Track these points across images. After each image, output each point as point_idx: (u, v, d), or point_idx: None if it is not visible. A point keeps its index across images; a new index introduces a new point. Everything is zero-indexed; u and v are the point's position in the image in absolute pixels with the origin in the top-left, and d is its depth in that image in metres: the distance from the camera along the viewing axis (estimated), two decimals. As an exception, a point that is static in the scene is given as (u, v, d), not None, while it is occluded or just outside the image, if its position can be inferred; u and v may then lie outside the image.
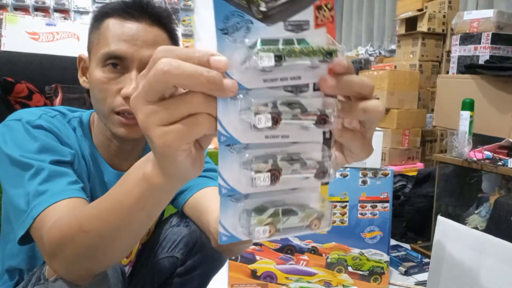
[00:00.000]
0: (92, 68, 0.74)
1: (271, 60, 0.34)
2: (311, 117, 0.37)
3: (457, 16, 1.98)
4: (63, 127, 0.76)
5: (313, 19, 0.37)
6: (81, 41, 3.09)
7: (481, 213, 1.61)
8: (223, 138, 0.37)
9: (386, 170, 1.45)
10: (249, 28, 0.35)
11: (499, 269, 0.96)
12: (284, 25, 0.36)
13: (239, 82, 0.35)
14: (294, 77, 0.37)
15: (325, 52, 0.35)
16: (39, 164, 0.65)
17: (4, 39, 2.88)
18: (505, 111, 1.63)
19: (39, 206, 0.61)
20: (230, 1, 0.34)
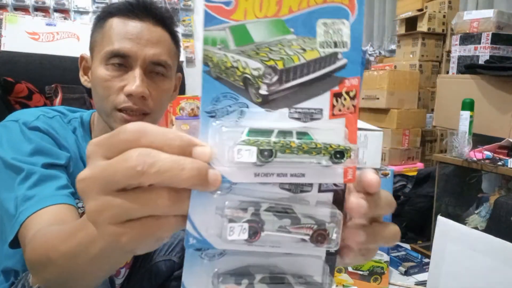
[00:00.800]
0: (95, 66, 0.74)
1: (252, 156, 0.28)
2: (304, 231, 0.30)
3: (457, 16, 1.98)
4: (62, 128, 0.76)
5: (329, 108, 0.30)
6: (81, 41, 3.09)
7: (481, 213, 1.61)
8: (193, 240, 0.29)
9: (386, 170, 1.45)
10: (243, 113, 0.29)
11: (499, 269, 0.96)
12: (289, 112, 0.30)
13: (224, 175, 0.28)
14: (296, 174, 0.30)
15: (333, 151, 0.29)
16: (30, 167, 0.65)
17: (4, 39, 2.88)
18: (505, 111, 1.63)
19: (25, 212, 0.60)
20: (222, 80, 0.29)
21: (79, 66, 0.81)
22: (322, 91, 0.30)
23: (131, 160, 0.26)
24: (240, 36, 0.29)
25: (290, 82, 0.30)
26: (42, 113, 0.74)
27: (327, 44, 0.30)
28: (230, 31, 0.29)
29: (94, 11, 3.35)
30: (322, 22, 0.30)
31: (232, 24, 0.29)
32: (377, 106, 2.33)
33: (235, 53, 0.29)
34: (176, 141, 0.28)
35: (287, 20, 0.29)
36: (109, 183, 0.28)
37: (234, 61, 0.29)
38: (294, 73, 0.30)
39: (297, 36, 0.30)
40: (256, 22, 0.29)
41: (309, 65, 0.30)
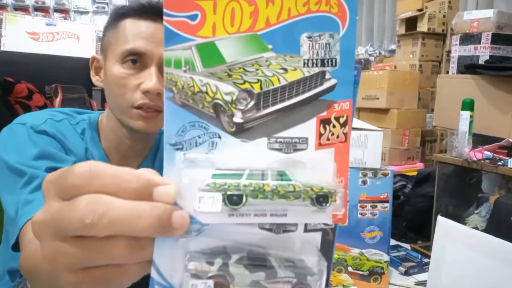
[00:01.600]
0: (110, 65, 0.76)
1: (217, 205, 0.24)
2: (281, 286, 0.26)
3: (457, 16, 1.97)
4: (69, 132, 0.77)
5: (315, 137, 0.26)
6: (81, 41, 3.09)
7: (481, 213, 1.61)
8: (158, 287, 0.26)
9: (386, 170, 1.45)
10: (214, 144, 0.25)
11: (499, 269, 0.96)
12: (269, 143, 0.26)
13: (193, 215, 0.25)
14: (277, 213, 0.25)
15: (315, 195, 0.25)
16: (33, 171, 0.65)
17: (4, 39, 2.88)
18: (505, 111, 1.63)
19: (24, 216, 0.61)
20: (189, 108, 0.25)
21: (90, 67, 0.83)
22: (307, 117, 0.26)
23: (79, 210, 0.24)
24: (209, 55, 0.25)
25: (269, 107, 0.26)
26: (49, 117, 0.76)
27: (313, 62, 0.25)
28: (197, 50, 0.25)
29: (94, 11, 3.36)
30: (307, 36, 0.25)
31: (198, 42, 0.25)
32: (377, 106, 2.33)
33: (204, 76, 0.25)
34: (133, 184, 0.25)
35: (264, 34, 0.25)
36: (60, 230, 0.25)
37: (202, 85, 0.25)
38: (274, 97, 0.26)
39: (276, 54, 0.25)
40: (227, 39, 0.25)
41: (291, 88, 0.26)
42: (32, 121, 0.73)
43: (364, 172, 1.43)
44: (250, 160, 0.25)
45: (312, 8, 0.25)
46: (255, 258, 0.26)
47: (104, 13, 3.41)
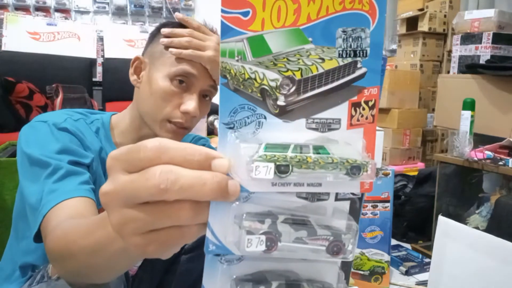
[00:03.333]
0: (158, 76, 0.79)
1: (270, 173, 0.28)
2: (320, 242, 0.30)
3: (458, 16, 1.97)
4: (87, 130, 0.80)
5: (347, 118, 0.30)
6: (81, 41, 3.09)
7: (482, 213, 1.61)
8: (212, 246, 0.31)
9: (387, 170, 1.45)
10: (261, 124, 0.30)
11: (499, 269, 0.96)
12: (307, 123, 0.30)
13: (242, 185, 0.29)
14: (313, 183, 0.29)
15: (350, 166, 0.28)
16: (57, 163, 0.68)
17: (5, 38, 2.89)
18: (506, 111, 1.63)
19: (48, 204, 0.62)
20: (240, 92, 0.29)
21: (130, 65, 0.85)
22: (340, 101, 0.30)
23: (154, 178, 0.27)
24: (258, 47, 0.29)
25: (308, 92, 0.30)
26: (68, 116, 0.79)
27: (346, 53, 0.29)
28: (248, 42, 0.29)
29: (95, 11, 3.36)
30: (342, 30, 0.29)
31: (249, 35, 0.29)
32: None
33: (253, 65, 0.29)
34: (195, 156, 0.28)
35: (305, 29, 0.29)
36: (132, 198, 0.29)
37: (251, 72, 0.29)
38: (312, 83, 0.30)
39: (315, 46, 0.29)
40: (273, 32, 0.29)
41: (328, 75, 0.30)
42: (53, 119, 0.76)
43: (365, 172, 1.43)
44: (291, 137, 0.29)
45: (347, 6, 0.29)
46: (298, 219, 0.30)
47: (105, 13, 3.41)
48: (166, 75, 0.79)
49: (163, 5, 3.48)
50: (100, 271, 0.47)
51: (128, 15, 3.45)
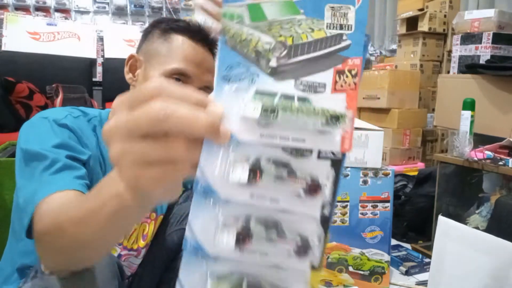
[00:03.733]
0: (153, 74, 0.80)
1: (257, 111, 0.31)
2: (299, 182, 0.33)
3: (458, 16, 1.97)
4: (85, 128, 0.81)
5: (331, 83, 0.33)
6: (81, 41, 3.09)
7: (482, 213, 1.61)
8: (201, 187, 0.33)
9: (387, 170, 1.45)
10: (253, 80, 0.32)
11: (500, 269, 0.96)
12: (295, 83, 0.32)
13: (232, 133, 0.31)
14: (298, 138, 0.32)
15: (329, 115, 0.32)
16: (55, 156, 0.69)
17: (5, 38, 2.89)
18: (506, 111, 1.63)
19: (41, 194, 0.62)
20: (237, 51, 0.32)
21: (125, 63, 0.86)
22: (326, 67, 0.33)
23: (155, 108, 0.30)
24: (255, 13, 0.33)
25: (297, 57, 0.33)
26: (68, 113, 0.79)
27: (334, 26, 0.33)
28: (247, 8, 0.33)
29: (95, 11, 3.36)
30: (330, 6, 0.33)
31: (249, 2, 0.33)
32: (378, 106, 2.33)
33: (250, 28, 0.33)
34: (193, 97, 0.31)
35: (297, 2, 0.33)
36: (133, 129, 0.31)
37: (248, 34, 0.33)
38: (302, 49, 0.33)
39: (306, 17, 0.33)
40: (270, 2, 0.33)
41: (316, 43, 0.33)
42: (54, 115, 0.77)
43: (365, 172, 1.43)
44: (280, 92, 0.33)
45: None
46: (280, 162, 0.33)
47: (105, 13, 3.41)
48: (162, 73, 0.79)
49: (163, 5, 3.49)
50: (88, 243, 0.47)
51: (128, 15, 3.45)
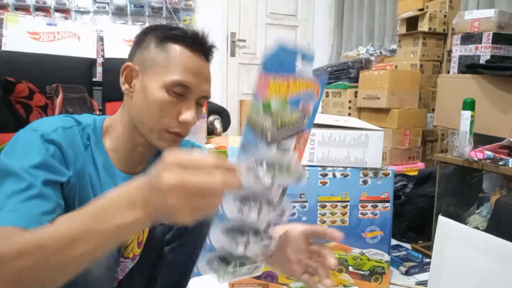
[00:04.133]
0: (153, 86, 0.79)
1: (268, 179, 0.55)
2: None
3: (458, 16, 1.97)
4: (77, 139, 0.79)
5: (293, 146, 0.57)
6: (81, 41, 3.09)
7: (482, 213, 1.61)
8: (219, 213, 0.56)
9: (387, 170, 1.45)
10: (257, 146, 0.54)
11: (500, 269, 0.96)
12: (277, 146, 0.55)
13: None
14: None
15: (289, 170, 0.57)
16: (31, 181, 0.68)
17: (5, 38, 2.88)
18: (506, 111, 1.63)
19: (3, 220, 0.62)
20: (252, 129, 0.53)
21: (120, 73, 0.84)
22: (292, 137, 0.56)
23: (217, 181, 0.46)
24: (266, 107, 0.52)
25: (281, 134, 0.55)
26: (61, 124, 0.78)
27: (302, 114, 0.56)
28: (262, 105, 0.52)
29: (95, 11, 3.36)
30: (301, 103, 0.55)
31: (263, 101, 0.52)
32: (378, 106, 2.33)
33: (261, 115, 0.53)
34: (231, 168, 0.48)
35: (288, 100, 0.53)
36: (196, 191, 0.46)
37: (259, 119, 0.53)
38: (284, 130, 0.55)
39: (291, 109, 0.54)
40: (275, 100, 0.52)
41: (290, 125, 0.55)
42: (43, 128, 0.75)
43: (365, 172, 1.43)
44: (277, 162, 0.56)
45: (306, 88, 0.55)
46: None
47: (105, 13, 3.41)
48: (162, 85, 0.78)
49: (163, 5, 3.48)
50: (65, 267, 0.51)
51: (128, 15, 3.45)
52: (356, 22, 3.83)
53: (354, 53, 3.50)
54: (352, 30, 3.89)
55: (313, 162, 1.42)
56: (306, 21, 4.19)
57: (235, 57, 3.94)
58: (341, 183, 1.43)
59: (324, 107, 2.86)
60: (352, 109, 2.59)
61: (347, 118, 1.75)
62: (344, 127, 1.42)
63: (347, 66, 2.64)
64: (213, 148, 1.97)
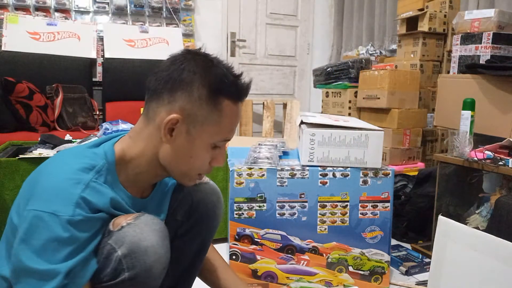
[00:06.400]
0: (200, 143, 0.80)
1: None
2: None
3: (458, 16, 1.97)
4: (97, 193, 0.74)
5: None
6: (81, 41, 3.09)
7: (482, 213, 1.61)
8: None
9: (387, 170, 1.45)
10: None
11: (499, 269, 0.96)
12: None
13: None
14: None
15: None
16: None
17: (5, 38, 2.88)
18: (506, 111, 1.63)
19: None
20: None
21: (164, 126, 0.77)
22: None
23: None
24: None
25: None
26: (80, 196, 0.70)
27: None
28: None
29: (95, 11, 3.36)
30: None
31: None
32: (378, 106, 2.33)
33: None
34: None
35: None
36: None
37: None
38: None
39: None
40: None
41: None
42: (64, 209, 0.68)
43: (365, 172, 1.43)
44: None
45: None
46: None
47: (105, 13, 3.40)
48: (211, 144, 0.81)
49: (163, 5, 3.48)
50: None
51: (128, 15, 3.45)
52: (356, 22, 3.83)
53: (354, 53, 3.50)
54: (352, 30, 3.89)
55: (313, 162, 1.42)
56: (306, 21, 4.19)
57: (235, 57, 3.94)
58: (341, 183, 1.43)
59: (324, 107, 2.86)
60: (352, 109, 2.59)
61: (347, 118, 1.75)
62: (344, 127, 1.42)
63: (347, 66, 2.64)
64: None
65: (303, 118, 1.53)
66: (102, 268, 0.73)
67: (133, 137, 0.82)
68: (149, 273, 0.73)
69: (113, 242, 0.72)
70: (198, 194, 0.99)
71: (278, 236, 1.44)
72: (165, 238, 0.78)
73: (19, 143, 1.92)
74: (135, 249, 0.71)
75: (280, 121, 3.97)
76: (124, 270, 0.72)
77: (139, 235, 0.72)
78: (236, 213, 1.41)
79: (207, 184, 1.02)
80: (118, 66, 3.06)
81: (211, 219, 1.02)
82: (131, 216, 0.76)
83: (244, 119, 3.60)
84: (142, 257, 0.72)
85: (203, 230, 1.01)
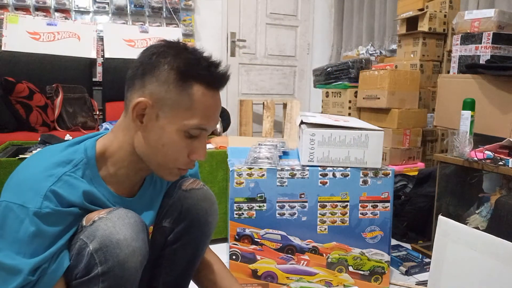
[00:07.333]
0: (170, 128, 0.76)
1: None
2: None
3: (458, 16, 1.97)
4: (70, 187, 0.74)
5: None
6: (81, 41, 3.09)
7: (482, 213, 1.61)
8: None
9: (387, 170, 1.45)
10: None
11: (499, 269, 0.96)
12: None
13: None
14: None
15: None
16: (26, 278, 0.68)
17: (5, 38, 2.88)
18: (506, 111, 1.63)
19: None
20: None
21: (131, 109, 0.76)
22: None
23: None
24: None
25: None
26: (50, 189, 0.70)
27: None
28: None
29: (95, 11, 3.36)
30: None
31: None
32: (378, 106, 2.33)
33: None
34: None
35: None
36: None
37: None
38: None
39: None
40: None
41: None
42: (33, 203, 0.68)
43: (365, 172, 1.43)
44: None
45: None
46: None
47: (105, 13, 3.40)
48: (182, 129, 0.76)
49: (163, 5, 3.48)
50: None
51: (128, 15, 3.45)
52: (356, 22, 3.83)
53: (354, 53, 3.50)
54: (352, 30, 3.89)
55: (313, 162, 1.42)
56: (306, 21, 4.19)
57: (235, 57, 3.93)
58: (341, 183, 1.43)
59: (324, 107, 2.86)
60: (352, 109, 2.59)
61: (347, 118, 1.75)
62: (344, 127, 1.42)
63: (347, 66, 2.64)
64: (213, 148, 1.97)
65: (303, 118, 1.53)
66: (75, 265, 0.72)
67: (114, 131, 0.82)
68: (123, 267, 0.71)
69: (85, 237, 0.71)
70: (189, 200, 0.95)
71: (278, 236, 1.44)
72: (141, 231, 0.75)
73: (19, 143, 1.92)
74: (106, 243, 0.70)
75: (280, 121, 3.97)
76: (96, 265, 0.70)
77: (111, 228, 0.71)
78: (236, 213, 1.41)
79: (200, 190, 0.96)
80: (118, 66, 3.06)
81: (202, 226, 0.97)
82: (104, 210, 0.75)
83: (244, 119, 3.60)
84: (115, 251, 0.70)
85: (194, 238, 0.97)
